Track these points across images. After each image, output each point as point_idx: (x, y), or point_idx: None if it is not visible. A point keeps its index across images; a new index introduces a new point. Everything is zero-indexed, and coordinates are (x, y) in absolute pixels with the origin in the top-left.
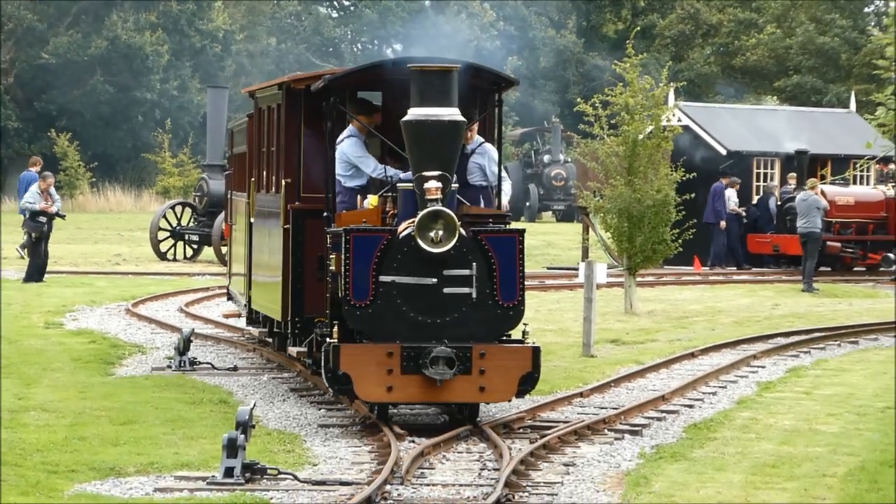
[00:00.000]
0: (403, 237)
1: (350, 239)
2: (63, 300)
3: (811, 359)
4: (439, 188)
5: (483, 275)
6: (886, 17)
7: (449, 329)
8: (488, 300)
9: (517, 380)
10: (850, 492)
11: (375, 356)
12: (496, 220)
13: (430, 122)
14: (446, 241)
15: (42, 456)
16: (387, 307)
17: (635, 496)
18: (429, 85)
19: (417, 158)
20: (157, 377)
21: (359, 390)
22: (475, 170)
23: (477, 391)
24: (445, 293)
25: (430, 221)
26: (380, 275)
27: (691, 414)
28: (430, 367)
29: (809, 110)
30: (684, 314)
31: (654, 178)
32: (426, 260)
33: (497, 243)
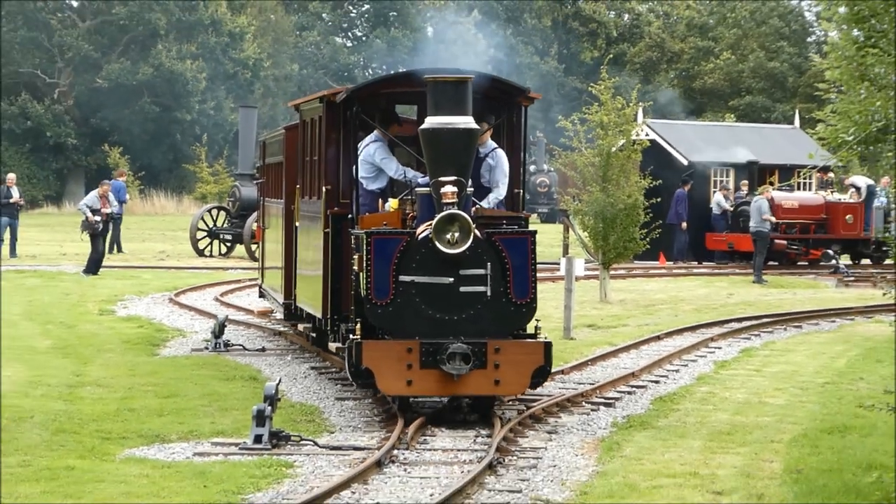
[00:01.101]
0: (421, 239)
1: (371, 241)
2: (114, 291)
3: (761, 341)
4: (455, 192)
5: (497, 274)
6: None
7: (465, 325)
8: (502, 298)
9: (530, 373)
10: (794, 455)
11: (396, 352)
12: (512, 222)
13: (446, 130)
14: (462, 243)
15: (97, 425)
16: (406, 305)
17: (609, 459)
18: (444, 94)
19: (434, 164)
20: (195, 357)
21: (380, 384)
22: (486, 171)
23: (492, 384)
24: (461, 291)
25: (447, 224)
26: (399, 275)
27: (657, 388)
28: (447, 363)
29: (759, 126)
30: (651, 302)
31: (625, 185)
32: (443, 260)
33: (510, 244)
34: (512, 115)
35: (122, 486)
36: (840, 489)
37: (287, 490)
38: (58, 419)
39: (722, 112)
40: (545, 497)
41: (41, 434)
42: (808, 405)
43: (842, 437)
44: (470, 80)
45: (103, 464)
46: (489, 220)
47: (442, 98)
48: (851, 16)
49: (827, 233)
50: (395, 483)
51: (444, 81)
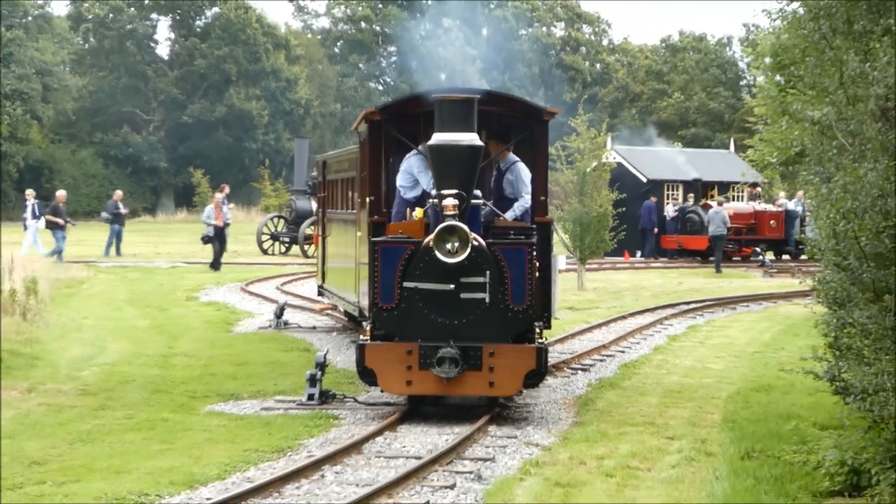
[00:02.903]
0: (425, 248)
1: (378, 249)
2: (198, 282)
3: (704, 319)
4: (456, 205)
5: (496, 282)
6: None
7: (464, 330)
8: (500, 304)
9: (523, 376)
10: (729, 409)
11: (397, 354)
12: (520, 233)
13: (449, 147)
14: (461, 253)
15: (185, 386)
16: (410, 310)
17: (585, 412)
18: (449, 113)
19: (439, 178)
20: (261, 334)
21: (382, 384)
22: (507, 185)
23: (487, 386)
24: (462, 298)
25: (447, 234)
26: (404, 281)
27: (623, 357)
28: (436, 367)
29: (702, 151)
30: (618, 290)
31: (597, 197)
32: (445, 268)
33: (509, 253)
34: (532, 131)
35: (205, 433)
36: (766, 434)
37: (333, 436)
38: (154, 382)
39: (673, 140)
40: (535, 441)
41: (141, 394)
42: (741, 369)
43: (767, 394)
44: (474, 100)
45: (190, 416)
46: (503, 231)
47: (447, 115)
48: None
49: (755, 234)
50: (417, 431)
51: (449, 100)
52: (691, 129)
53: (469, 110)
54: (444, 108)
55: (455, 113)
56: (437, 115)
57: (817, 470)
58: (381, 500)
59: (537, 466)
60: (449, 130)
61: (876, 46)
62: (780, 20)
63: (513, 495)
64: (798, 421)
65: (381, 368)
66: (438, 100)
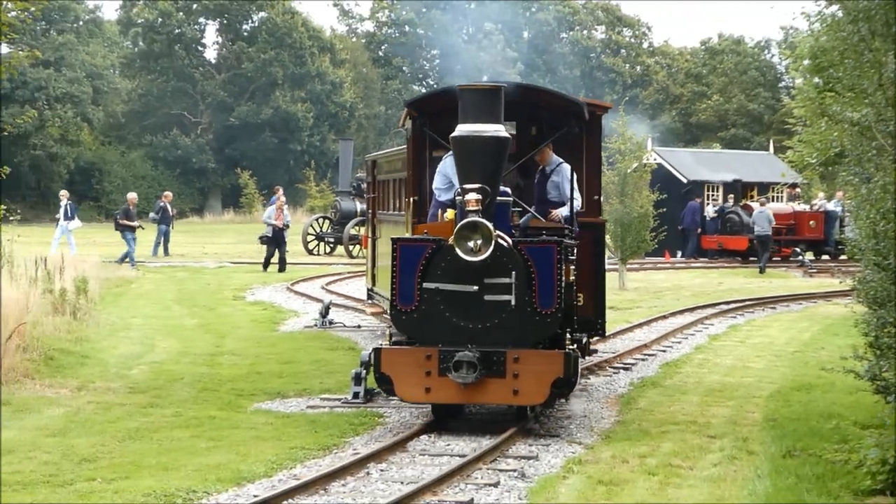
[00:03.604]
0: (446, 246)
1: (397, 248)
2: (245, 281)
3: (744, 319)
4: (479, 200)
5: (522, 283)
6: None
7: (488, 334)
8: (527, 307)
9: (549, 383)
10: (770, 408)
11: (415, 359)
12: (554, 233)
13: (473, 138)
14: (484, 251)
15: (231, 384)
16: (431, 312)
17: (627, 411)
18: (473, 103)
19: (462, 172)
20: (307, 332)
21: (399, 391)
22: (553, 188)
23: (510, 394)
24: (486, 300)
25: (469, 232)
26: (424, 282)
27: (664, 356)
28: (453, 371)
29: (742, 152)
30: (658, 289)
31: (638, 198)
32: (468, 268)
33: (536, 253)
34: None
35: (252, 431)
36: (806, 433)
37: (378, 434)
38: (202, 380)
39: (712, 141)
40: (578, 439)
41: (189, 391)
42: (781, 368)
43: (807, 393)
44: (500, 89)
45: (237, 414)
46: (536, 231)
47: (471, 106)
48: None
49: (795, 235)
50: (462, 428)
51: (473, 89)
52: (731, 131)
53: (495, 100)
54: (467, 98)
55: (479, 103)
56: (461, 105)
57: (859, 468)
58: (426, 497)
59: (580, 465)
60: (473, 121)
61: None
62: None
63: (556, 493)
64: (839, 420)
65: (397, 374)
66: (461, 89)
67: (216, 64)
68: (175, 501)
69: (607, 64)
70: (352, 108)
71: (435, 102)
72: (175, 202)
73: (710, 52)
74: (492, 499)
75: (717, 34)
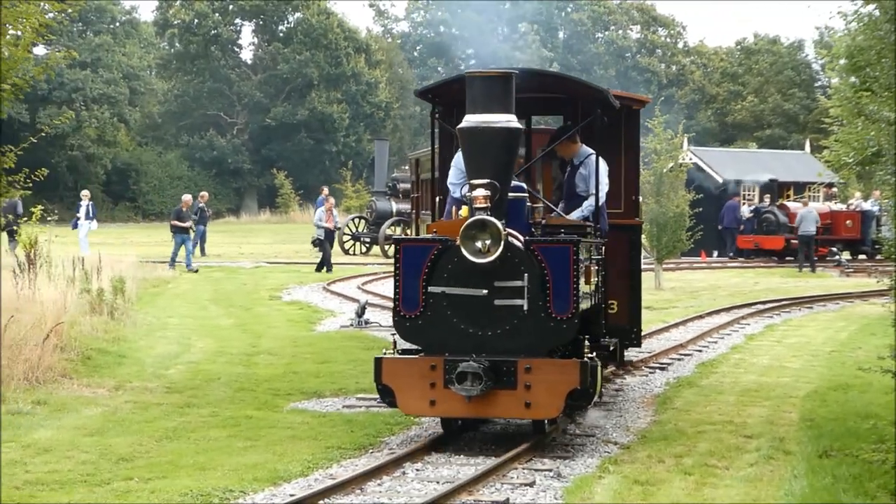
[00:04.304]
0: (454, 247)
1: (400, 249)
2: (280, 281)
3: (780, 318)
4: (487, 196)
5: (535, 286)
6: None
7: (499, 342)
8: (541, 312)
9: (564, 395)
10: (807, 408)
11: (418, 369)
12: (574, 231)
13: (481, 129)
14: (493, 252)
15: (268, 384)
16: (436, 318)
17: (663, 411)
18: (482, 91)
19: (470, 166)
20: (343, 332)
21: (401, 404)
22: (580, 181)
23: (522, 407)
24: (496, 305)
25: (476, 231)
26: (429, 285)
27: (700, 356)
28: (456, 384)
29: (778, 152)
30: (694, 289)
31: (674, 198)
32: (477, 271)
33: (550, 254)
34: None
35: (288, 430)
36: (844, 433)
37: (414, 434)
38: (238, 380)
39: (748, 141)
40: (614, 439)
41: (226, 391)
42: (818, 368)
43: (844, 393)
44: (511, 76)
45: (274, 414)
46: (554, 229)
47: (479, 95)
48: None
49: (832, 234)
50: (497, 430)
51: (481, 77)
52: (766, 131)
53: (505, 88)
54: (475, 85)
55: (488, 91)
56: (468, 94)
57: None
58: (462, 497)
59: (616, 464)
60: (482, 111)
61: None
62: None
63: (592, 493)
64: (876, 420)
65: (400, 386)
66: (469, 76)
67: (252, 65)
68: (212, 501)
69: (643, 64)
70: (387, 108)
71: (448, 90)
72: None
73: (745, 51)
74: (527, 498)
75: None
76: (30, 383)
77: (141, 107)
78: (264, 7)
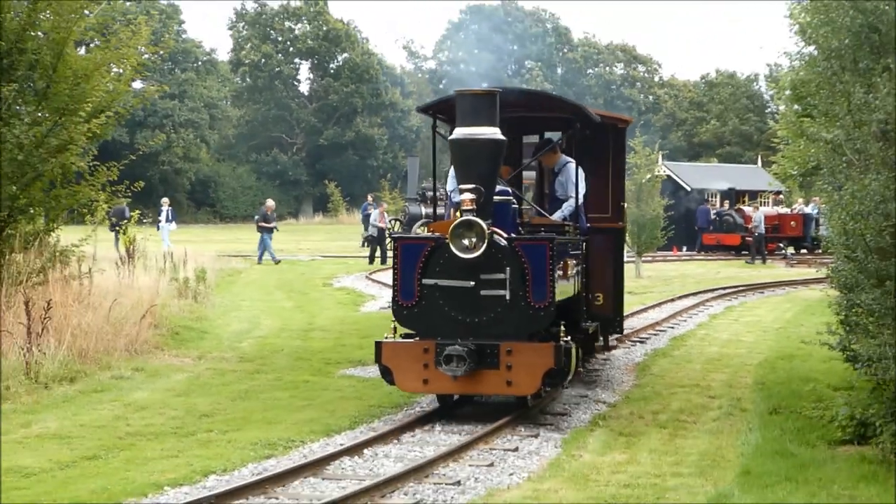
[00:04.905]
0: (445, 244)
1: (398, 246)
2: (331, 271)
3: (738, 301)
4: (472, 200)
5: (516, 278)
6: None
7: (484, 327)
8: (521, 301)
9: (541, 374)
10: (759, 374)
11: (413, 352)
12: (554, 230)
13: (468, 140)
14: (478, 248)
15: (321, 355)
16: (430, 307)
17: (643, 376)
18: (470, 107)
19: (459, 172)
20: (382, 313)
21: (398, 382)
22: (559, 187)
23: (504, 385)
24: (482, 295)
25: (463, 230)
26: (424, 278)
27: (672, 331)
28: (443, 364)
29: (735, 166)
30: (667, 277)
31: (651, 203)
32: (465, 264)
33: (529, 250)
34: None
35: (338, 392)
36: (789, 394)
37: None
38: (297, 351)
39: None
40: (603, 399)
41: (287, 360)
42: (768, 342)
43: (790, 362)
44: (496, 94)
45: (326, 378)
46: (535, 228)
47: (468, 110)
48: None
49: (779, 233)
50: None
51: (470, 94)
52: (726, 148)
53: (490, 105)
54: (464, 102)
55: (476, 107)
56: (458, 109)
57: (831, 423)
58: (479, 445)
59: (604, 420)
60: (470, 125)
61: (877, 81)
62: (799, 60)
63: (585, 443)
64: (815, 383)
65: (397, 366)
66: (458, 94)
67: (308, 95)
68: (277, 448)
69: (626, 94)
70: (417, 131)
71: (446, 107)
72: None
73: (708, 84)
74: (533, 447)
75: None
76: (130, 354)
77: (218, 130)
78: (318, 49)
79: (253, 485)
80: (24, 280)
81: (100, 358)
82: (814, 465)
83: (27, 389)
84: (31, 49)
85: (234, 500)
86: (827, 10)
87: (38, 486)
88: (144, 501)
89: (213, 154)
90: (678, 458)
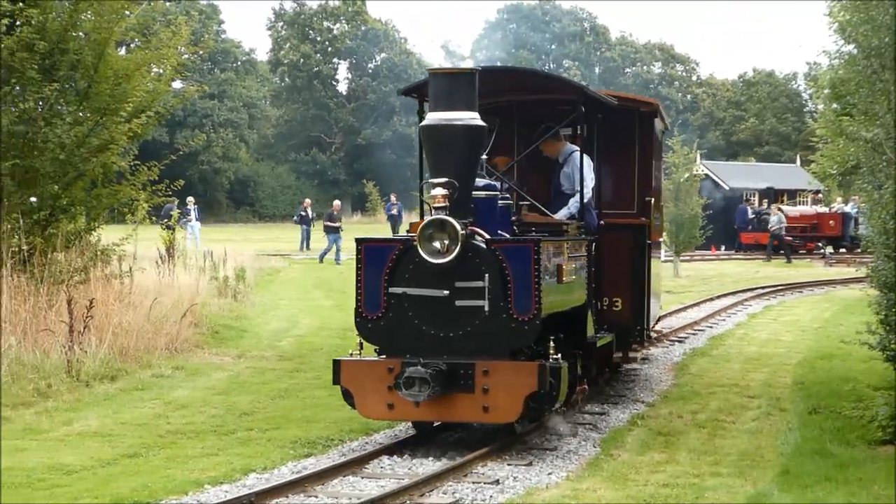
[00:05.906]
0: (415, 247)
1: (362, 249)
2: None
3: (776, 301)
4: (445, 196)
5: (497, 286)
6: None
7: (460, 344)
8: (502, 313)
9: (522, 398)
10: (798, 373)
11: (376, 372)
12: (549, 229)
13: (441, 126)
14: (451, 251)
15: None
16: (398, 320)
17: (681, 375)
18: (443, 89)
19: (432, 164)
20: None
21: (359, 407)
22: (565, 179)
23: (480, 411)
24: (457, 306)
25: (434, 231)
26: (391, 286)
27: (711, 331)
28: (403, 389)
29: (774, 165)
30: (706, 276)
31: (689, 202)
32: (438, 271)
33: (511, 253)
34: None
35: None
36: (828, 394)
37: None
38: (336, 350)
39: (749, 156)
40: (641, 399)
41: (326, 359)
42: (807, 341)
43: (829, 362)
44: (474, 73)
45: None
46: (528, 227)
47: (442, 92)
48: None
49: (818, 232)
50: None
51: (443, 73)
52: (765, 147)
53: (468, 86)
54: (438, 83)
55: (450, 89)
56: (430, 92)
57: (871, 423)
58: (518, 444)
59: (643, 419)
60: (444, 109)
61: None
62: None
63: (624, 442)
64: (855, 383)
65: (357, 389)
66: (431, 74)
67: (346, 95)
68: (316, 447)
69: (663, 93)
70: None
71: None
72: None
73: (746, 83)
74: (572, 446)
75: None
76: (170, 352)
77: (257, 129)
78: (356, 49)
79: (292, 483)
80: (67, 279)
81: (140, 356)
82: (853, 465)
83: (69, 387)
84: (73, 49)
85: (273, 498)
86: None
87: (80, 484)
88: (185, 499)
89: (252, 154)
90: (717, 458)
